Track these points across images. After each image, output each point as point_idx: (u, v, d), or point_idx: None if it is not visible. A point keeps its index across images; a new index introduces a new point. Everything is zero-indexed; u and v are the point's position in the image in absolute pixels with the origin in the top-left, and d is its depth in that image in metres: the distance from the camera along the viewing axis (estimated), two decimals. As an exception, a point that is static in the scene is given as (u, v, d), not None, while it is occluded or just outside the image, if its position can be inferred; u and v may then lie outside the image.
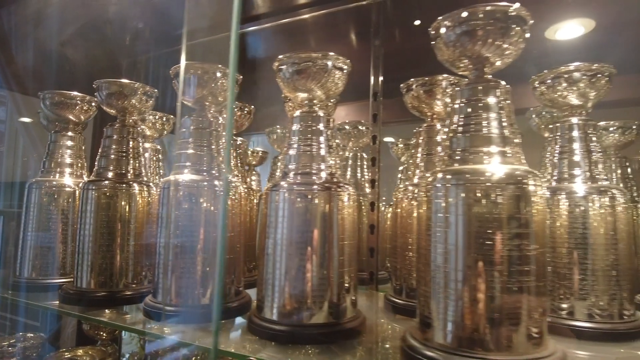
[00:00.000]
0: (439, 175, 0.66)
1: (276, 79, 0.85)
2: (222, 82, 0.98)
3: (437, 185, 0.66)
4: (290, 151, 0.83)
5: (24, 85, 2.19)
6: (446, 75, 0.95)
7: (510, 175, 0.62)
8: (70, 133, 1.20)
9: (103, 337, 1.43)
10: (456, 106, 0.69)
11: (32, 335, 1.24)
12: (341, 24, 1.69)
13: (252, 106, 1.25)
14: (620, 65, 1.41)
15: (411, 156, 1.02)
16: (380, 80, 1.26)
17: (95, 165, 1.06)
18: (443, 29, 0.68)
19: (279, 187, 0.79)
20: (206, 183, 0.91)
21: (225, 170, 0.79)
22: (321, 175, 0.81)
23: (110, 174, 1.05)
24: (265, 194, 0.82)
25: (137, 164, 1.08)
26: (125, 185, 1.04)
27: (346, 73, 0.84)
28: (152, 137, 1.29)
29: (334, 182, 0.81)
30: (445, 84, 0.96)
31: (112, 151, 1.06)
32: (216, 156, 0.94)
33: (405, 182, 1.01)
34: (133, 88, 1.06)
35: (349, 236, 0.81)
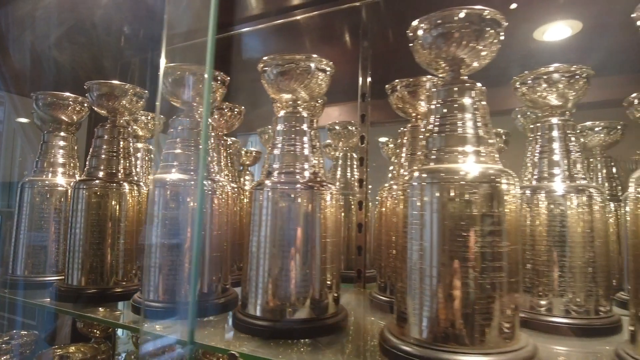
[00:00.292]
0: (415, 174, 0.68)
1: (261, 80, 0.87)
2: (212, 84, 1.00)
3: (414, 183, 0.67)
4: (274, 151, 0.85)
5: (22, 86, 2.21)
6: (430, 76, 0.97)
7: (483, 174, 0.64)
8: (62, 133, 1.22)
9: (97, 335, 1.45)
10: (433, 107, 0.70)
11: (26, 332, 1.26)
12: (335, 26, 1.71)
13: (243, 107, 1.26)
14: (606, 66, 1.43)
15: (396, 156, 1.04)
16: (368, 81, 1.27)
17: (86, 164, 1.08)
18: (420, 32, 0.70)
19: (263, 186, 0.81)
20: (193, 182, 0.92)
21: (200, 171, 0.80)
22: (304, 174, 0.83)
23: (101, 174, 1.07)
24: (250, 193, 0.83)
25: (128, 164, 1.10)
26: (115, 184, 1.06)
27: (329, 75, 0.86)
28: (145, 137, 1.31)
29: (317, 181, 0.83)
30: (429, 85, 0.97)
31: (103, 151, 1.08)
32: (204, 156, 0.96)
33: (390, 182, 1.03)
34: (123, 89, 1.07)
35: (332, 234, 0.83)
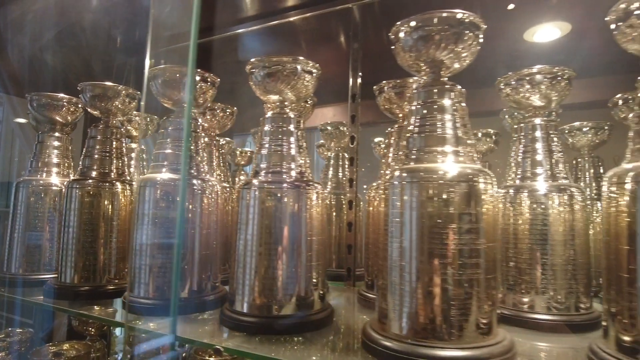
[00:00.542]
0: (396, 173, 0.69)
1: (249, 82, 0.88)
2: (201, 85, 1.02)
3: (394, 182, 0.69)
4: (262, 151, 0.87)
5: (20, 87, 2.23)
6: (417, 78, 0.99)
7: (461, 173, 0.65)
8: (57, 134, 1.24)
9: (92, 333, 1.46)
10: (413, 108, 0.72)
11: (21, 330, 1.27)
12: (331, 27, 1.72)
13: (235, 107, 1.28)
14: (594, 67, 1.45)
15: (384, 156, 1.05)
16: (358, 82, 1.29)
17: (79, 164, 1.10)
18: (401, 34, 0.72)
19: (250, 185, 0.83)
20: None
21: (183, 169, 0.82)
22: (291, 174, 0.85)
23: (94, 173, 1.08)
24: (237, 192, 0.85)
25: (121, 164, 1.12)
26: (108, 184, 1.07)
27: (316, 76, 0.88)
28: (138, 138, 1.33)
29: (304, 181, 0.84)
30: (415, 87, 0.99)
31: (96, 151, 1.10)
32: (195, 156, 0.98)
33: (378, 181, 1.05)
34: (116, 90, 1.09)
35: (318, 233, 0.84)
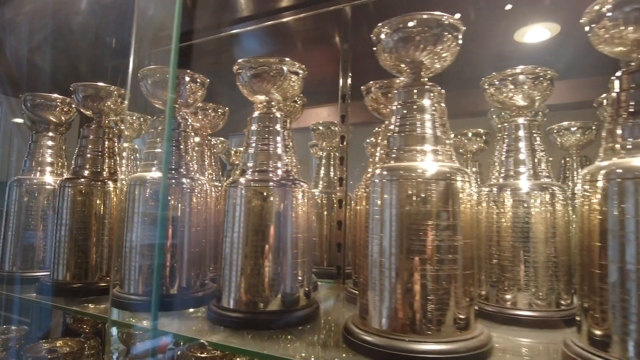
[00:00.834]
0: (377, 171, 0.71)
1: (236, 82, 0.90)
2: (190, 86, 1.03)
3: (375, 181, 0.71)
4: (248, 150, 0.88)
5: (19, 88, 2.25)
6: (403, 78, 1.00)
7: (439, 172, 0.67)
8: (50, 133, 1.26)
9: (86, 331, 1.48)
10: (394, 107, 0.74)
11: (15, 327, 1.29)
12: (327, 27, 1.74)
13: (227, 108, 1.30)
14: (582, 68, 1.46)
15: (371, 155, 1.07)
16: (348, 82, 1.31)
17: (72, 164, 1.11)
18: (382, 36, 0.73)
19: (237, 184, 0.84)
20: (174, 181, 0.96)
21: (164, 167, 0.83)
22: (277, 172, 0.87)
23: (86, 172, 1.10)
24: (224, 190, 0.87)
25: (113, 163, 1.13)
26: (100, 183, 1.09)
27: (302, 77, 0.89)
28: (131, 137, 1.34)
29: (290, 179, 0.86)
30: (396, 87, 1.00)
31: (88, 150, 1.12)
32: (184, 155, 1.00)
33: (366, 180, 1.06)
34: (108, 91, 1.11)
35: (303, 230, 0.86)
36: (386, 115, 1.06)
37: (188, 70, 1.02)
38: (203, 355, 1.31)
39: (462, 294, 0.66)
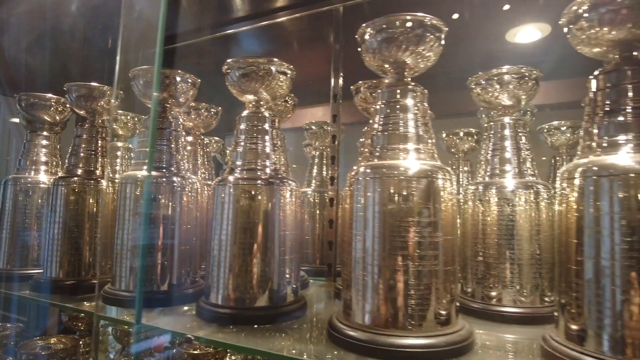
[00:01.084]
0: (361, 169, 0.72)
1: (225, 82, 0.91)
2: (182, 86, 1.04)
3: (359, 178, 0.72)
4: (237, 148, 0.90)
5: (17, 88, 2.26)
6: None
7: (421, 170, 0.68)
8: (45, 133, 1.27)
9: (81, 328, 1.50)
10: (378, 107, 0.75)
11: (10, 325, 1.31)
12: (322, 28, 1.75)
13: (220, 107, 1.31)
14: (573, 68, 1.47)
15: (360, 154, 1.08)
16: (340, 82, 1.32)
17: (65, 162, 1.13)
18: (366, 36, 0.74)
19: (226, 182, 0.86)
20: (165, 179, 0.97)
21: (149, 164, 0.85)
22: (266, 171, 0.88)
23: (79, 171, 1.11)
24: (212, 188, 0.88)
25: (106, 162, 1.15)
26: (93, 181, 1.11)
27: (290, 77, 0.90)
28: (125, 137, 1.36)
29: (278, 178, 0.87)
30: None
31: (82, 150, 1.13)
32: (175, 154, 1.01)
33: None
34: (101, 90, 1.12)
35: (291, 228, 0.87)
36: (375, 114, 1.07)
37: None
38: (196, 352, 1.32)
39: (443, 290, 0.67)
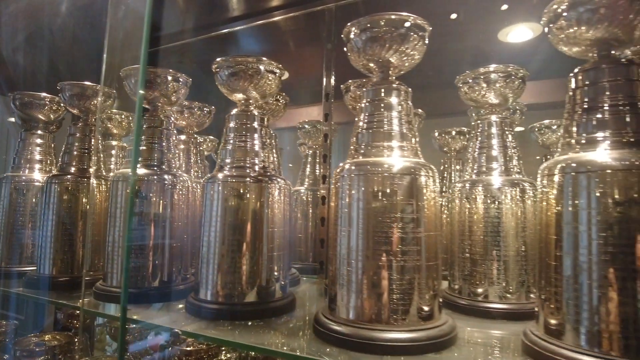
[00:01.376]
0: (346, 166, 0.73)
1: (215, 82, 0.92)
2: (174, 85, 1.06)
3: (344, 175, 0.73)
4: (226, 146, 0.91)
5: (15, 88, 2.27)
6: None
7: (404, 167, 0.69)
8: (39, 131, 1.28)
9: (77, 326, 1.51)
10: (363, 105, 0.76)
11: (5, 322, 1.32)
12: (318, 28, 1.76)
13: (213, 106, 1.32)
14: (563, 68, 1.48)
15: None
16: (332, 82, 1.33)
17: (59, 160, 1.14)
18: (351, 35, 0.76)
19: (215, 179, 0.87)
20: (156, 177, 0.98)
21: (133, 161, 0.86)
22: (255, 168, 0.89)
23: (72, 169, 1.13)
24: (202, 186, 0.89)
25: (93, 161, 1.16)
26: (86, 179, 1.12)
27: (279, 76, 0.91)
28: (119, 135, 1.37)
29: (266, 175, 0.88)
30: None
31: (75, 148, 1.14)
32: (166, 152, 1.02)
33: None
34: (94, 90, 1.13)
35: (279, 225, 0.88)
36: (364, 113, 1.08)
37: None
38: (189, 348, 1.33)
39: (426, 285, 0.68)
